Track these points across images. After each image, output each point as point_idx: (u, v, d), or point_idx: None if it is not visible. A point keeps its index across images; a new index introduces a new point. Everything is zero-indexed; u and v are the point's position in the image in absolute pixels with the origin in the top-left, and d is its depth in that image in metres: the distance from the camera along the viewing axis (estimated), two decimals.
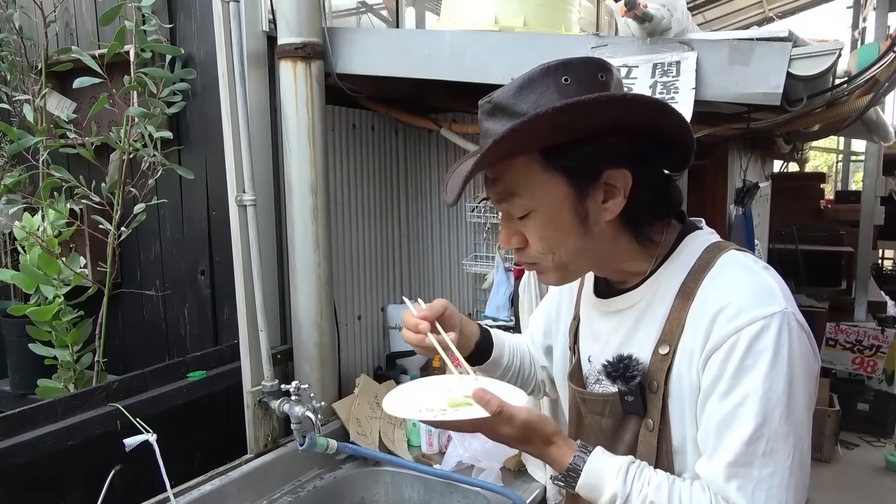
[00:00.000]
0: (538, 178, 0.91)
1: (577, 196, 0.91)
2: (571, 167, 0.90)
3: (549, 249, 0.94)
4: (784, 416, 0.83)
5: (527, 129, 0.83)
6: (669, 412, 0.93)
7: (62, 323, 1.86)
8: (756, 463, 0.83)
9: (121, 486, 1.50)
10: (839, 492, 3.66)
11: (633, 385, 0.94)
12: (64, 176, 1.87)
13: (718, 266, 0.92)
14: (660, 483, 0.89)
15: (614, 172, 0.90)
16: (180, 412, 1.80)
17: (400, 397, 1.00)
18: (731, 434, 0.85)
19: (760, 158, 3.93)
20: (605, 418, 1.02)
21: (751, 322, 0.84)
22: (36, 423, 1.47)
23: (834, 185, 9.09)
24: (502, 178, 0.93)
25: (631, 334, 0.99)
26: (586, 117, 0.85)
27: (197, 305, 2.15)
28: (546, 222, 0.92)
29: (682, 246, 0.97)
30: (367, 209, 2.39)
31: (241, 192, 1.79)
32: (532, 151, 0.90)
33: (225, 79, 1.76)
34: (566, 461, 0.92)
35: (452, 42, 1.86)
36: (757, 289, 0.87)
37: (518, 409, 0.90)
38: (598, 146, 0.89)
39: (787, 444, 0.83)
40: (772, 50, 1.49)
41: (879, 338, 4.35)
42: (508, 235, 0.97)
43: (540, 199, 0.91)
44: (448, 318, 1.08)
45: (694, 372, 0.89)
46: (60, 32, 2.24)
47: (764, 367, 0.83)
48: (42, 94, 2.03)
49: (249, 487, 1.73)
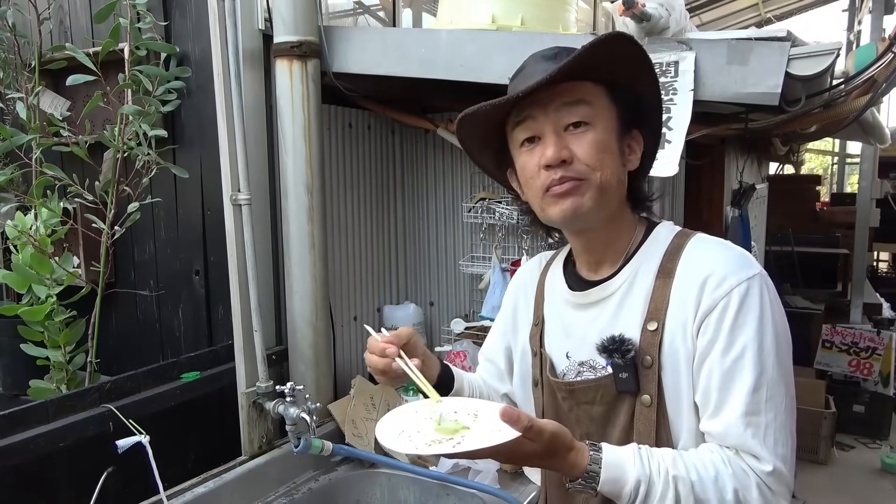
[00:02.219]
0: (602, 101, 1.00)
1: (621, 132, 1.02)
2: (625, 106, 1.02)
3: (599, 164, 0.98)
4: (776, 364, 0.92)
5: (605, 48, 0.92)
6: (665, 385, 0.98)
7: (55, 323, 1.84)
8: (762, 410, 0.90)
9: (113, 489, 1.48)
10: (835, 494, 3.65)
11: (628, 359, 0.98)
12: (57, 174, 1.85)
13: (691, 246, 1.01)
14: (674, 457, 0.92)
15: (638, 133, 1.04)
16: (174, 413, 1.78)
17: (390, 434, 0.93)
18: (735, 387, 0.91)
19: (757, 160, 3.93)
20: (597, 405, 1.05)
21: (738, 283, 0.93)
22: (27, 424, 1.45)
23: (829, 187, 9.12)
24: (573, 88, 0.98)
25: (613, 320, 1.03)
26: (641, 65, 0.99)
27: (191, 306, 2.13)
28: (602, 138, 0.99)
29: (653, 234, 1.06)
30: (364, 209, 2.38)
31: (236, 191, 1.77)
32: (601, 79, 0.99)
33: (220, 77, 1.75)
34: (585, 462, 0.89)
35: (449, 41, 1.85)
36: (736, 256, 0.97)
37: (544, 421, 0.87)
38: (640, 101, 1.03)
39: (781, 388, 0.92)
40: (770, 50, 1.49)
41: (875, 340, 4.35)
42: (560, 147, 0.98)
43: (601, 115, 1.00)
44: (412, 348, 1.07)
45: (689, 340, 0.95)
46: (54, 30, 2.22)
47: (755, 321, 0.91)
48: (35, 92, 2.02)
49: (244, 490, 1.71)
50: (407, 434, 0.92)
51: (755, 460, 0.90)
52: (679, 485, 0.88)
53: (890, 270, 7.44)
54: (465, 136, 1.08)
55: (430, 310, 2.62)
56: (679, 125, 1.56)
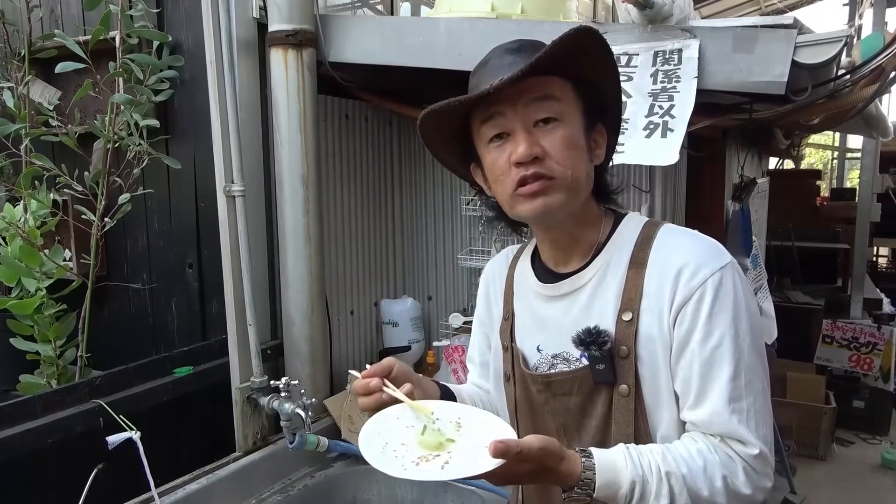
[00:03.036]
0: (570, 96, 1.00)
1: (587, 128, 1.02)
2: (589, 102, 1.01)
3: (570, 163, 0.98)
4: (752, 349, 0.94)
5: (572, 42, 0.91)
6: (642, 375, 0.98)
7: (45, 317, 1.81)
8: (743, 395, 0.93)
9: (103, 486, 1.45)
10: (835, 489, 3.63)
11: (605, 351, 0.98)
12: (46, 164, 1.81)
13: (663, 235, 1.01)
14: (662, 451, 0.93)
15: (601, 127, 1.04)
16: (166, 409, 1.75)
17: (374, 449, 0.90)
18: (717, 375, 0.93)
19: (758, 154, 3.90)
20: (574, 396, 1.05)
21: (712, 273, 0.94)
22: (13, 420, 1.42)
23: (829, 182, 9.09)
24: (540, 84, 0.97)
25: (587, 311, 1.03)
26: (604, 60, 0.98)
27: (185, 299, 2.10)
28: (571, 135, 0.99)
29: (622, 225, 1.06)
30: (360, 202, 2.34)
31: (229, 182, 1.74)
32: (566, 76, 0.99)
33: (213, 66, 1.71)
34: (578, 470, 0.88)
35: (448, 30, 1.81)
36: (707, 246, 0.98)
37: (530, 440, 0.86)
38: (602, 96, 1.03)
39: (758, 373, 0.95)
40: (776, 37, 1.45)
41: (876, 335, 4.31)
42: (531, 143, 0.97)
43: (569, 112, 0.99)
44: (400, 377, 1.03)
45: (665, 329, 0.96)
46: (45, 18, 2.18)
47: (730, 310, 0.93)
48: (25, 81, 1.97)
49: (237, 487, 1.68)
50: (391, 447, 0.90)
51: (741, 445, 0.92)
52: (672, 480, 0.90)
53: (890, 266, 7.43)
54: (428, 131, 1.05)
55: (428, 304, 2.59)
56: (681, 113, 1.52)
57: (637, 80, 1.56)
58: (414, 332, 2.45)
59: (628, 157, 1.51)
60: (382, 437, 0.92)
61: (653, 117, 1.51)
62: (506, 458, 0.82)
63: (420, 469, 0.85)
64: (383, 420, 0.95)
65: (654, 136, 1.50)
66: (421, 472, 0.85)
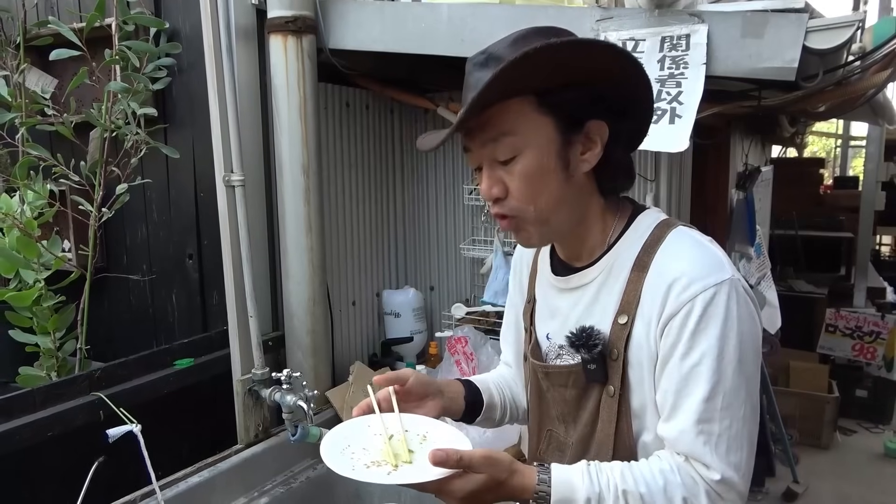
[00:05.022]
0: (531, 118, 0.94)
1: (562, 141, 0.95)
2: (561, 109, 0.94)
3: (532, 197, 0.96)
4: (736, 373, 0.90)
5: (528, 63, 0.85)
6: (629, 378, 0.98)
7: (43, 309, 1.79)
8: (716, 418, 0.90)
9: (104, 479, 1.44)
10: (837, 478, 3.63)
11: (595, 353, 0.98)
12: (41, 154, 1.79)
13: (669, 240, 0.97)
14: (622, 470, 0.92)
15: (594, 123, 0.96)
16: (167, 401, 1.73)
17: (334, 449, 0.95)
18: (690, 393, 0.90)
19: (762, 143, 3.87)
20: (570, 389, 1.06)
21: (703, 290, 0.90)
22: (11, 414, 1.40)
23: (832, 170, 9.04)
24: (494, 118, 0.94)
25: (590, 308, 1.03)
26: (577, 59, 0.91)
27: (185, 291, 2.08)
28: (533, 164, 0.95)
29: (635, 223, 1.03)
30: (362, 191, 2.32)
31: (228, 171, 1.71)
32: (527, 93, 0.93)
33: (212, 53, 1.68)
34: (532, 483, 0.89)
35: (450, 15, 1.78)
36: (706, 259, 0.94)
37: (472, 450, 0.88)
38: (584, 92, 0.94)
39: (740, 398, 0.91)
40: (787, 21, 1.42)
41: (879, 324, 4.30)
42: (490, 184, 0.97)
43: (530, 139, 0.94)
44: (415, 389, 1.07)
45: (652, 339, 0.95)
46: (40, 4, 2.14)
47: (717, 329, 0.89)
48: (21, 69, 1.94)
49: (239, 479, 1.67)
50: (352, 450, 0.94)
51: (704, 468, 0.90)
52: (629, 498, 0.89)
53: (894, 254, 7.40)
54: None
55: (430, 294, 2.57)
56: (690, 100, 1.49)
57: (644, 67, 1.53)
58: (416, 323, 2.43)
59: None
60: (348, 439, 0.97)
61: (660, 104, 1.49)
62: (445, 466, 0.84)
63: (368, 472, 0.88)
64: (354, 425, 1.00)
65: (662, 123, 1.48)
66: (367, 475, 0.88)
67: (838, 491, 3.51)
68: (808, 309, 4.54)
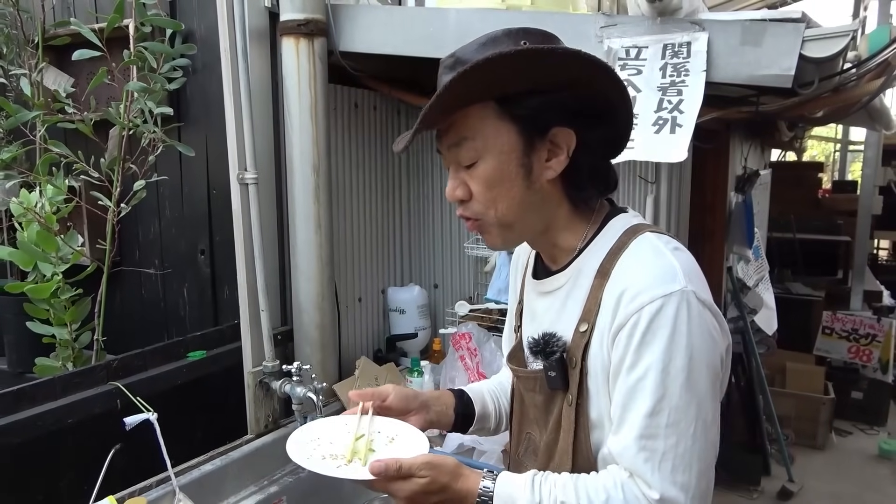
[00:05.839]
0: (491, 124, 0.95)
1: (525, 148, 0.95)
2: (522, 116, 0.94)
3: (493, 202, 0.97)
4: (685, 389, 0.86)
5: (485, 69, 0.86)
6: (588, 387, 0.96)
7: (61, 301, 1.83)
8: (661, 434, 0.87)
9: (120, 466, 1.49)
10: (832, 479, 3.68)
11: (552, 361, 0.98)
12: (63, 151, 1.84)
13: (631, 248, 0.95)
14: (565, 482, 0.92)
15: (560, 130, 0.95)
16: (180, 392, 1.78)
17: (302, 437, 1.02)
18: (634, 407, 0.88)
19: (761, 147, 3.91)
20: (537, 394, 1.06)
21: (651, 301, 0.87)
22: (34, 400, 1.45)
23: (831, 174, 9.09)
24: (457, 123, 0.96)
25: (559, 313, 1.02)
26: (538, 66, 0.90)
27: (196, 285, 2.13)
28: (493, 170, 0.95)
29: (605, 228, 1.01)
30: (369, 190, 2.37)
31: (242, 170, 1.76)
32: (488, 99, 0.94)
33: (227, 54, 1.73)
34: (475, 488, 0.93)
35: (458, 20, 1.83)
36: (658, 270, 0.90)
37: (414, 458, 0.93)
38: (549, 99, 0.93)
39: (689, 415, 0.87)
40: (784, 31, 1.47)
41: (875, 327, 4.36)
42: (454, 186, 0.99)
43: (490, 145, 0.95)
44: (396, 404, 1.11)
45: (605, 350, 0.93)
46: (57, 5, 2.19)
47: (663, 342, 0.86)
48: (39, 68, 1.99)
49: (250, 468, 1.72)
50: (317, 442, 1.01)
51: (646, 486, 0.87)
52: None
53: (890, 258, 7.45)
54: None
55: (434, 292, 2.62)
56: (690, 109, 1.54)
57: (646, 74, 1.58)
58: (420, 320, 2.48)
59: (638, 153, 1.52)
60: (317, 433, 1.03)
61: (661, 112, 1.53)
62: (384, 475, 0.90)
63: (320, 463, 0.95)
64: (329, 422, 1.06)
65: (663, 132, 1.51)
66: (317, 466, 0.94)
67: (833, 490, 3.56)
68: (805, 311, 4.59)
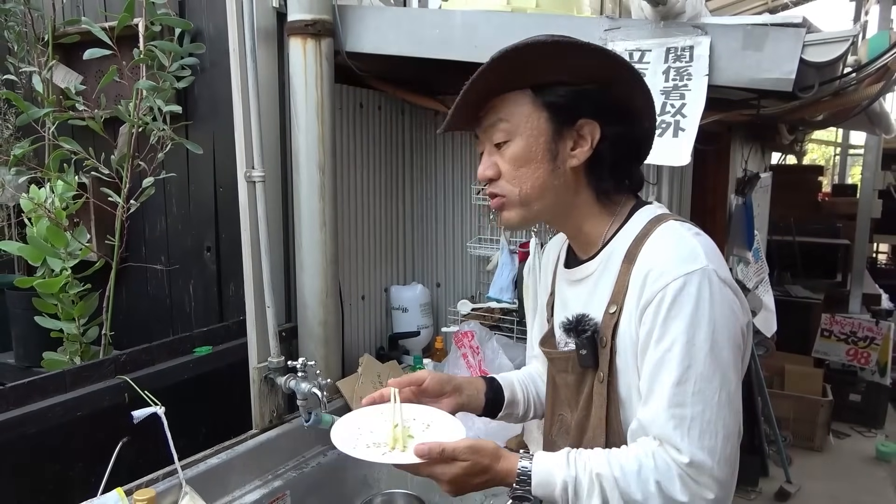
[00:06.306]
0: (525, 109, 1.04)
1: (553, 134, 1.04)
2: (554, 104, 1.03)
3: (518, 180, 1.06)
4: (709, 359, 0.93)
5: (515, 55, 0.97)
6: (616, 365, 1.03)
7: (69, 296, 1.86)
8: (688, 402, 0.92)
9: (127, 458, 1.51)
10: (830, 480, 3.70)
11: (583, 339, 1.05)
12: (73, 148, 1.86)
13: (655, 234, 1.02)
14: (598, 455, 0.98)
15: (587, 122, 1.04)
16: (186, 386, 1.80)
17: (347, 427, 1.09)
18: (661, 378, 0.94)
19: (761, 150, 3.94)
20: (570, 374, 1.12)
21: (675, 278, 0.95)
22: (45, 393, 1.48)
23: (831, 178, 9.12)
24: (496, 106, 1.06)
25: (590, 298, 1.09)
26: (568, 59, 1.00)
27: (202, 282, 2.15)
28: (522, 150, 1.05)
29: (632, 218, 1.09)
30: (373, 189, 2.39)
31: (250, 168, 1.78)
32: (524, 86, 1.04)
33: (235, 54, 1.75)
34: (515, 466, 0.98)
35: (464, 22, 1.85)
36: (681, 251, 0.98)
37: (457, 441, 0.99)
38: (579, 91, 1.03)
39: (714, 383, 0.93)
40: (786, 35, 1.49)
41: (874, 329, 4.38)
42: (486, 167, 1.08)
43: (522, 128, 1.04)
44: (431, 388, 1.18)
45: (633, 328, 1.00)
46: (67, 4, 2.22)
47: (687, 316, 0.93)
48: (49, 65, 2.02)
49: (255, 462, 1.74)
50: (361, 431, 1.06)
51: (676, 451, 0.92)
52: (603, 482, 0.94)
53: (889, 262, 7.47)
54: None
55: (436, 290, 2.65)
56: (693, 113, 1.55)
57: (650, 77, 1.60)
58: (423, 318, 2.50)
59: None
60: (360, 422, 1.10)
61: (665, 116, 1.55)
62: (428, 458, 0.96)
63: (366, 451, 1.01)
64: (370, 412, 1.12)
65: (666, 136, 1.53)
66: (364, 454, 1.00)
67: (830, 492, 3.58)
68: (805, 314, 4.61)
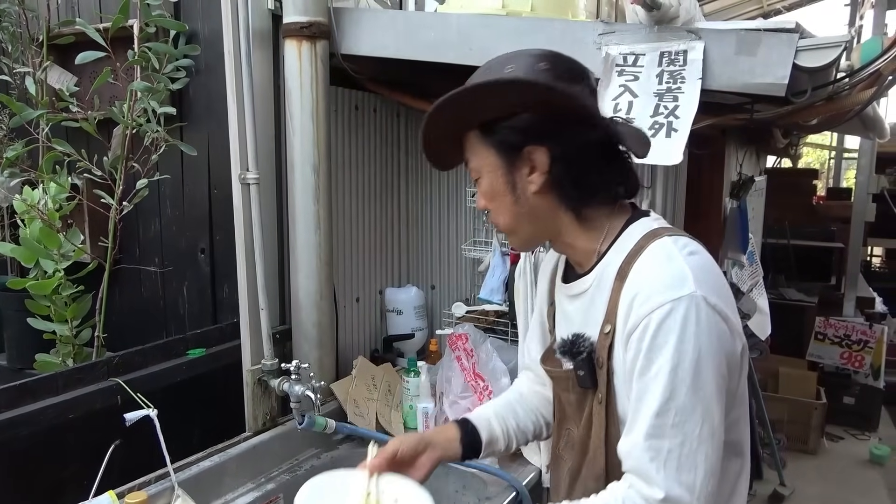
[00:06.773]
0: (480, 148, 1.07)
1: (507, 167, 1.05)
2: (496, 140, 1.05)
3: (496, 212, 1.09)
4: (691, 391, 0.89)
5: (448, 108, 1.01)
6: (614, 385, 1.01)
7: (62, 297, 1.85)
8: (666, 434, 0.90)
9: (120, 461, 1.50)
10: (823, 483, 3.72)
11: (579, 361, 1.03)
12: (66, 149, 1.86)
13: (646, 252, 0.98)
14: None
15: (533, 148, 1.02)
16: (180, 389, 1.80)
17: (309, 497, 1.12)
18: (643, 408, 0.92)
19: (756, 153, 3.95)
20: (570, 393, 1.10)
21: (660, 305, 0.91)
22: (36, 395, 1.47)
23: (826, 181, 9.15)
24: (466, 146, 1.10)
25: (587, 316, 1.07)
26: (491, 98, 1.01)
27: (196, 283, 2.14)
28: (487, 185, 1.08)
29: (626, 232, 1.05)
30: (368, 191, 2.39)
31: (244, 170, 1.78)
32: (470, 128, 1.07)
33: (230, 56, 1.75)
34: None
35: (459, 25, 1.85)
36: (669, 275, 0.94)
37: None
38: (514, 122, 1.02)
39: (695, 415, 0.90)
40: (779, 41, 1.50)
41: (867, 333, 4.40)
42: (478, 198, 1.13)
43: (482, 165, 1.08)
44: (407, 454, 1.20)
45: (622, 350, 0.98)
46: (62, 5, 2.21)
47: (671, 345, 0.90)
48: (43, 66, 2.01)
49: (248, 465, 1.74)
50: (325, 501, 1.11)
51: (646, 485, 0.90)
52: None
53: (883, 265, 7.50)
54: None
55: (431, 293, 2.65)
56: (685, 114, 1.57)
57: (643, 80, 1.61)
58: (417, 321, 2.50)
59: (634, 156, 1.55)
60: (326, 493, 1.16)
61: (658, 117, 1.56)
62: None
63: None
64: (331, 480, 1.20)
65: (659, 136, 1.54)
66: None
67: (823, 494, 3.59)
68: (799, 317, 4.63)
